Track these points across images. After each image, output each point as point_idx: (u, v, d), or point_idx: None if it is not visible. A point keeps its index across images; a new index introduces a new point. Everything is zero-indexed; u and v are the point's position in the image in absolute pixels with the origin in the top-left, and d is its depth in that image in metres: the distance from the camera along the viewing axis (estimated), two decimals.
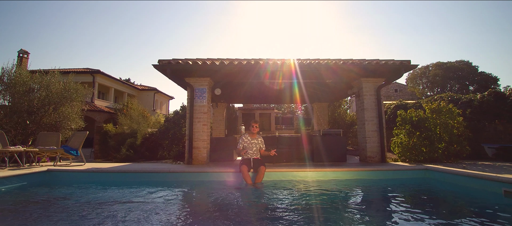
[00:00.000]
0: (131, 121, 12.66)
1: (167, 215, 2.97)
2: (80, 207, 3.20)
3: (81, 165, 5.89)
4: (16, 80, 8.61)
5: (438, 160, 6.34)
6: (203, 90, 6.54)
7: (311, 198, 3.76)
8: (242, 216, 3.00)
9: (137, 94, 24.57)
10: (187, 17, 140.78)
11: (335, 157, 6.57)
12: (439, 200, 3.83)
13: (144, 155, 10.96)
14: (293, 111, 29.46)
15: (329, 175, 5.01)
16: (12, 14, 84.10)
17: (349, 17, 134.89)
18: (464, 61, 30.79)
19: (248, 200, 3.76)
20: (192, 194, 4.20)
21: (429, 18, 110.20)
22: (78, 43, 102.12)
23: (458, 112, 6.70)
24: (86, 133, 6.49)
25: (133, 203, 3.37)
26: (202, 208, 3.41)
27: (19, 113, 8.43)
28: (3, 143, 6.05)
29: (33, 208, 3.23)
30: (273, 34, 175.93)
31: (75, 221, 2.71)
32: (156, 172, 5.03)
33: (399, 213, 3.08)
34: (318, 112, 10.82)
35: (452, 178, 4.53)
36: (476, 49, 77.87)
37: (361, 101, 6.80)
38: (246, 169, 4.52)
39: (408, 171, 5.20)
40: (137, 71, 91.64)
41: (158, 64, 6.04)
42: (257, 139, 4.97)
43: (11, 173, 4.45)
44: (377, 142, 6.53)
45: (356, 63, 6.19)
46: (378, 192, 4.35)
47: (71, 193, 4.07)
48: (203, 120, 6.48)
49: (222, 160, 6.85)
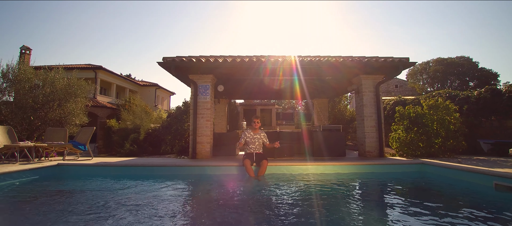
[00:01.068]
0: (134, 117, 12.86)
1: (178, 206, 3.17)
2: (97, 198, 3.39)
3: (89, 159, 6.08)
4: (21, 77, 8.77)
5: (435, 154, 6.53)
6: (206, 87, 6.71)
7: (312, 191, 3.95)
8: (246, 206, 3.20)
9: (139, 90, 24.72)
10: (186, 12, 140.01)
11: (335, 151, 6.76)
12: (433, 193, 4.02)
13: (147, 150, 11.19)
14: (293, 107, 29.67)
15: (329, 168, 5.20)
16: (11, 9, 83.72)
17: (350, 12, 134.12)
18: (465, 57, 30.86)
19: (251, 192, 3.96)
20: (199, 187, 4.39)
21: (430, 14, 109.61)
22: (77, 38, 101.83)
23: (455, 108, 6.87)
24: (93, 128, 6.67)
25: (146, 193, 3.57)
26: (209, 199, 3.60)
27: (24, 109, 8.61)
28: (12, 139, 6.25)
29: (46, 200, 3.42)
30: (272, 31, 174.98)
31: (96, 211, 2.90)
32: (163, 165, 5.24)
33: (396, 205, 3.28)
34: (319, 108, 10.99)
35: (446, 172, 4.72)
36: (476, 45, 77.72)
37: (360, 97, 6.97)
38: (249, 163, 4.72)
39: (405, 165, 5.39)
40: (136, 66, 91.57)
41: (163, 61, 6.20)
42: (260, 134, 5.16)
43: (23, 167, 4.64)
44: (376, 137, 6.71)
45: (355, 60, 6.34)
46: (376, 185, 4.55)
47: (84, 185, 4.27)
48: (206, 115, 6.66)
49: (224, 155, 7.05)
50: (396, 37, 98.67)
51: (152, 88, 24.98)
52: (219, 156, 6.90)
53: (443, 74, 30.51)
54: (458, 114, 6.86)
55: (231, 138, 7.43)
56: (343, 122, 11.81)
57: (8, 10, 78.29)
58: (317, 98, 11.06)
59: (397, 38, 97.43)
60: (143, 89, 24.97)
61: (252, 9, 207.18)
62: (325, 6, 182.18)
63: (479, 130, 7.93)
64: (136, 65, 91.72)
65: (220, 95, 10.60)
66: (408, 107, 6.99)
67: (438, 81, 31.31)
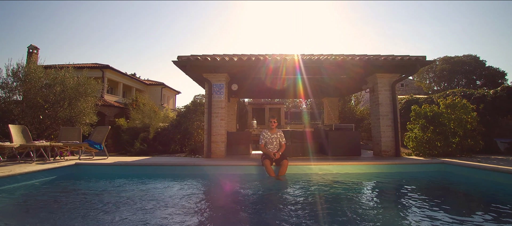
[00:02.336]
0: (143, 116, 12.86)
1: (205, 205, 3.13)
2: (123, 198, 3.36)
3: (104, 159, 6.07)
4: (32, 76, 8.77)
5: (452, 154, 6.44)
6: (221, 85, 6.66)
7: (335, 190, 3.90)
8: (270, 206, 3.17)
9: (145, 89, 24.75)
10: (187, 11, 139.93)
11: (350, 151, 6.69)
12: (459, 193, 3.95)
13: (157, 149, 11.18)
14: (296, 106, 29.48)
15: (347, 168, 5.14)
16: (14, 9, 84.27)
17: (352, 10, 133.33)
18: (472, 55, 30.54)
19: (273, 192, 3.91)
20: (220, 186, 4.35)
21: (433, 11, 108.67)
22: (79, 38, 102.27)
23: (472, 107, 6.76)
24: (108, 127, 6.66)
25: (173, 193, 3.53)
26: (233, 199, 3.56)
27: (35, 108, 8.61)
28: (26, 138, 6.25)
29: (68, 199, 3.40)
30: (271, 31, 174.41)
31: (128, 209, 2.87)
32: (181, 165, 5.23)
33: (424, 205, 3.21)
34: (329, 107, 10.90)
35: (468, 172, 4.64)
36: (480, 43, 76.95)
37: (375, 96, 6.89)
38: (268, 163, 4.68)
39: (425, 165, 5.31)
40: (139, 65, 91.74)
41: (178, 60, 6.16)
42: (277, 133, 5.11)
43: (42, 167, 4.62)
44: (392, 137, 6.63)
45: (372, 59, 6.26)
46: (399, 184, 4.47)
47: (106, 185, 4.23)
48: (220, 114, 6.62)
49: (238, 154, 7.01)
50: (399, 35, 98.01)
51: (158, 87, 24.98)
52: (233, 155, 6.86)
53: (450, 73, 30.24)
54: (475, 113, 6.76)
55: (244, 137, 7.38)
56: (353, 121, 11.72)
57: (12, 10, 78.83)
58: (327, 97, 10.97)
59: (400, 36, 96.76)
60: (149, 88, 24.99)
61: (253, 7, 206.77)
62: (327, 5, 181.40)
63: (495, 129, 7.82)
64: (139, 64, 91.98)
65: (230, 94, 10.55)
66: (424, 106, 6.89)
67: (444, 80, 31.04)
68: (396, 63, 6.31)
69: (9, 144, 5.57)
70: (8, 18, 73.93)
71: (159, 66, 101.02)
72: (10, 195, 3.62)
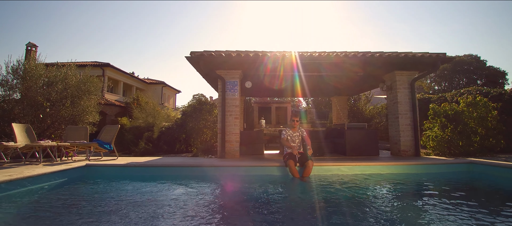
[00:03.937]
0: (146, 115, 12.55)
1: (230, 207, 2.88)
2: (158, 205, 3.05)
3: (114, 159, 5.78)
4: (32, 73, 8.42)
5: (473, 153, 6.25)
6: (235, 83, 6.40)
7: (364, 191, 3.67)
8: (298, 209, 2.99)
9: (145, 87, 24.36)
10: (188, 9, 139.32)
11: (367, 150, 6.48)
12: (495, 194, 3.74)
13: (162, 149, 10.88)
14: (296, 104, 29.21)
15: (370, 168, 4.92)
16: (14, 8, 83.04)
17: (353, 9, 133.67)
18: (473, 55, 30.56)
19: (300, 194, 3.68)
20: (242, 188, 4.08)
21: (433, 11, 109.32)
22: (79, 36, 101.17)
23: (493, 106, 6.59)
24: (117, 126, 6.37)
25: (209, 200, 3.26)
26: (257, 201, 3.30)
27: (36, 107, 8.27)
28: (31, 138, 5.93)
29: (87, 203, 3.12)
30: (271, 31, 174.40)
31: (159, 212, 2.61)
32: (201, 166, 4.93)
33: (460, 207, 2.98)
34: (338, 106, 10.69)
35: (500, 171, 4.44)
36: (480, 42, 77.51)
37: (394, 95, 6.68)
38: (293, 163, 4.43)
39: (452, 165, 5.11)
40: (138, 64, 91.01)
41: (191, 56, 5.89)
42: (298, 131, 4.90)
43: (51, 169, 4.33)
44: (411, 136, 6.44)
45: (392, 56, 6.05)
46: (434, 186, 4.25)
47: (127, 189, 3.86)
48: (234, 113, 6.37)
49: (252, 154, 6.76)
50: (400, 34, 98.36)
51: (159, 86, 24.62)
52: (246, 156, 6.60)
53: (451, 72, 30.23)
54: (496, 111, 6.59)
55: (257, 137, 7.13)
56: (363, 120, 11.53)
57: (12, 9, 77.64)
58: (336, 96, 10.76)
59: (401, 35, 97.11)
60: (149, 87, 24.61)
61: (254, 7, 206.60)
62: (327, 5, 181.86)
63: None
64: (138, 64, 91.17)
65: (241, 92, 10.28)
66: (443, 104, 6.71)
67: (445, 79, 31.04)
68: (416, 60, 6.11)
69: (13, 144, 5.26)
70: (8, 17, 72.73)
71: (160, 66, 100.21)
72: (30, 197, 3.34)
